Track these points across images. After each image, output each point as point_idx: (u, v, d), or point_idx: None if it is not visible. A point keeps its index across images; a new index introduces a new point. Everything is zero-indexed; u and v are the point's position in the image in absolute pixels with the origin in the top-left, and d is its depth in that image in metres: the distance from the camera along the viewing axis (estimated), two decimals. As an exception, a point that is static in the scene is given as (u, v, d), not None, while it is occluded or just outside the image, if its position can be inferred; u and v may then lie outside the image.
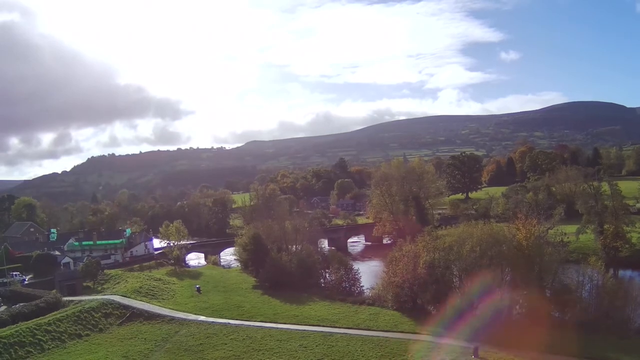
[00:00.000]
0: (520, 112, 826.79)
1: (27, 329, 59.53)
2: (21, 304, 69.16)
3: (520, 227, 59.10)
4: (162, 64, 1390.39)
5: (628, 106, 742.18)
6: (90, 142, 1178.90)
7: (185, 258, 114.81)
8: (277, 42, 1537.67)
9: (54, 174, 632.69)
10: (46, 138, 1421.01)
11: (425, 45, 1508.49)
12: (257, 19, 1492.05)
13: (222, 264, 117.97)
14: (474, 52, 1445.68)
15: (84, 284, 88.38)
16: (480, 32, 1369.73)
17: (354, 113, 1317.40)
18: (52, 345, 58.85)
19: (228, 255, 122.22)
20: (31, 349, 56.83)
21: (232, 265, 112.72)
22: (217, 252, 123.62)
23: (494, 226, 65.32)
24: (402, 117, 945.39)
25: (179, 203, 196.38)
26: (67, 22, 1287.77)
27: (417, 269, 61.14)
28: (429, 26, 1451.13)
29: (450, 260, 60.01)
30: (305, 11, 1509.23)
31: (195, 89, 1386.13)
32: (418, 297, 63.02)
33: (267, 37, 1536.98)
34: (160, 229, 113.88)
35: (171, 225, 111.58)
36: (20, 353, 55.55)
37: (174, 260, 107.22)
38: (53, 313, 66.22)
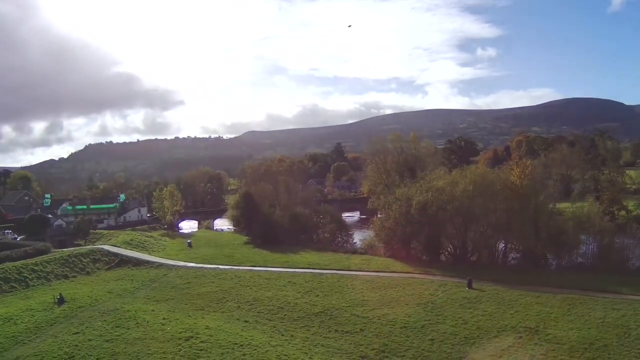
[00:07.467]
0: (518, 107, 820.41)
1: (13, 267, 59.23)
2: (10, 251, 67.99)
3: (514, 167, 57.97)
4: (153, 55, 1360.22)
5: (627, 104, 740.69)
6: (81, 131, 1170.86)
7: (178, 224, 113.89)
8: (270, 35, 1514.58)
9: (51, 161, 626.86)
10: (38, 127, 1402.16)
11: (419, 40, 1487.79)
12: (251, 10, 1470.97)
13: (215, 229, 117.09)
14: (468, 47, 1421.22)
15: (75, 242, 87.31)
16: (476, 28, 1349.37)
17: (341, 106, 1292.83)
18: (37, 283, 58.21)
19: (222, 226, 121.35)
20: (15, 285, 56.26)
21: (226, 231, 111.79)
22: (211, 220, 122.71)
23: (486, 169, 64.19)
24: (389, 111, 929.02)
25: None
26: (59, 13, 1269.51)
27: (409, 211, 59.87)
28: (424, 21, 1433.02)
29: (444, 201, 58.59)
30: (300, 4, 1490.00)
31: (186, 79, 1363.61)
32: (411, 242, 61.94)
33: (260, 30, 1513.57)
34: (154, 192, 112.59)
35: (165, 189, 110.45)
36: (4, 287, 54.95)
37: (167, 225, 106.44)
38: (41, 256, 65.37)
